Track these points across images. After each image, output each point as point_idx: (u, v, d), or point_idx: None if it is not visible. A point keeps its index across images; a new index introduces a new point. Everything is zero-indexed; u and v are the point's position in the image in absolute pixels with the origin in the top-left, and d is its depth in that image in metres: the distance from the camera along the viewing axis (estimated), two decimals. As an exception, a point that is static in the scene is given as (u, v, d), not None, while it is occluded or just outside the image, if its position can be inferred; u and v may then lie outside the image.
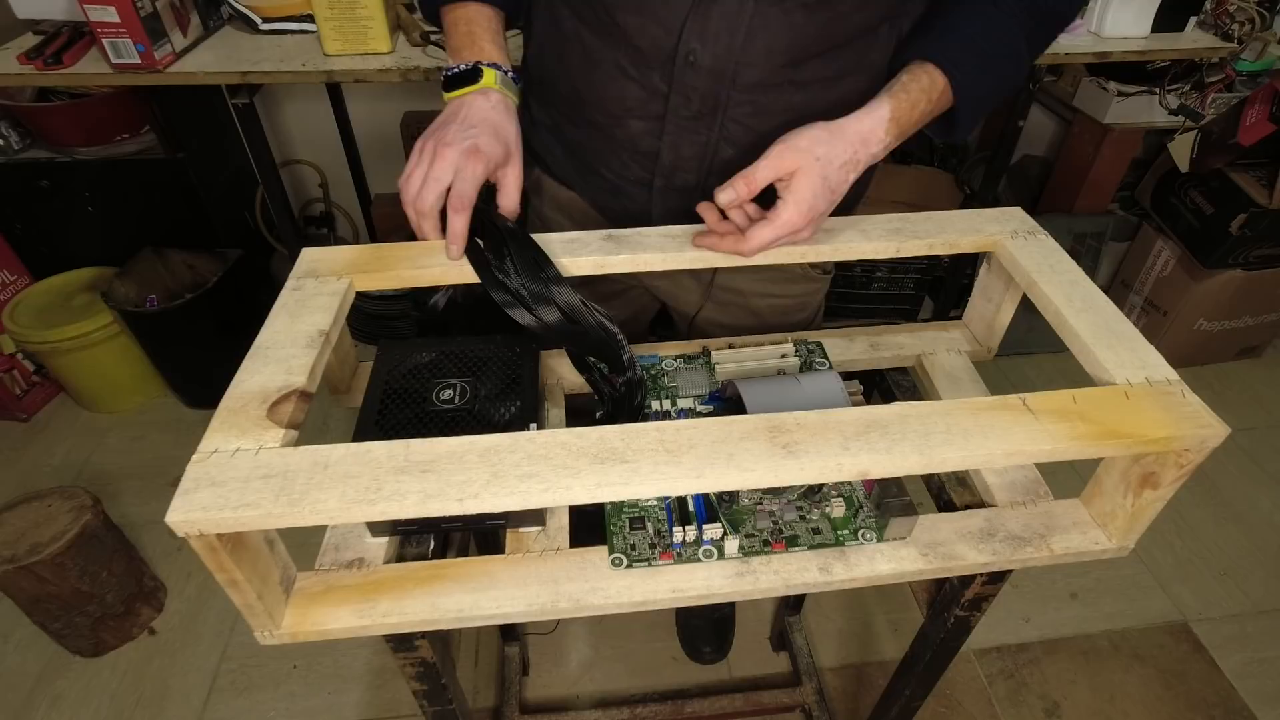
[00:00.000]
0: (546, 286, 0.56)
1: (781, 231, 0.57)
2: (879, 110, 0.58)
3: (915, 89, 0.59)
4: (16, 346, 1.64)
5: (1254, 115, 1.53)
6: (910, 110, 0.59)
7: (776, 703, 1.17)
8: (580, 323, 0.56)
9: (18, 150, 1.55)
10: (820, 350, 0.67)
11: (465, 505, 0.40)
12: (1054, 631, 1.34)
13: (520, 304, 0.56)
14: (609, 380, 0.60)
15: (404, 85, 1.85)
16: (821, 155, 0.56)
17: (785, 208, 0.56)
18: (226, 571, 0.43)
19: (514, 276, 0.56)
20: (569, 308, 0.56)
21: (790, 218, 0.56)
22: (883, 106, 0.58)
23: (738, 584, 0.51)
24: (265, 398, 0.46)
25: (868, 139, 0.58)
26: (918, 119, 0.60)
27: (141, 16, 1.11)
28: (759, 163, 0.56)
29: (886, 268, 1.86)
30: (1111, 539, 0.53)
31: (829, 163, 0.56)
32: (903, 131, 0.59)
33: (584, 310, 0.56)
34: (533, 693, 1.25)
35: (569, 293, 0.56)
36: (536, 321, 0.55)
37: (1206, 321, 1.80)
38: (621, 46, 0.62)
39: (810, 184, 0.56)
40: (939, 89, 0.59)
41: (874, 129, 0.58)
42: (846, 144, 0.57)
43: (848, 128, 0.57)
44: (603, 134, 0.67)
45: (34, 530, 1.14)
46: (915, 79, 0.59)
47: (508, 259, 0.57)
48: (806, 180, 0.56)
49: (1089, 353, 0.51)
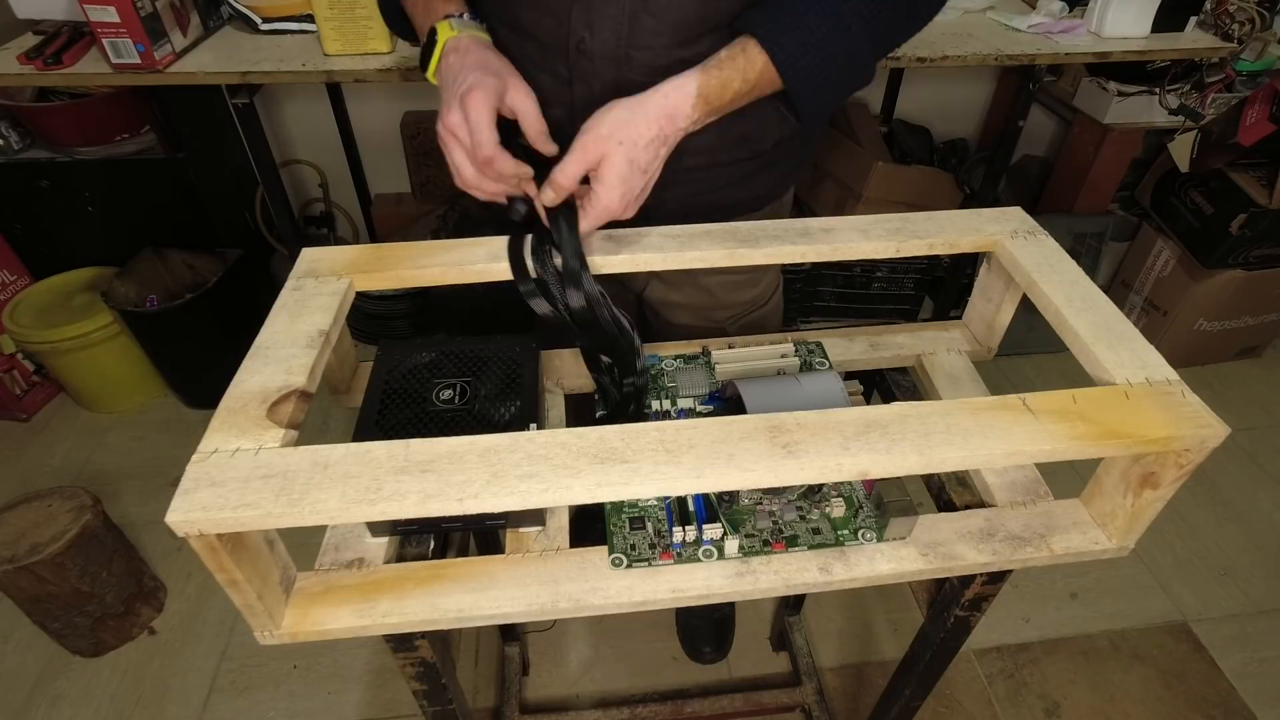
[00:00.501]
0: (582, 268, 0.56)
1: (600, 218, 0.58)
2: (686, 86, 0.57)
3: (730, 67, 0.58)
4: (16, 346, 1.64)
5: (1254, 115, 1.53)
6: (721, 89, 0.58)
7: (776, 703, 1.17)
8: (598, 315, 0.56)
9: (18, 150, 1.55)
10: (820, 350, 0.67)
11: (465, 505, 0.40)
12: (1054, 631, 1.34)
13: (542, 292, 0.56)
14: (617, 382, 0.60)
15: (404, 85, 1.85)
16: (625, 138, 0.56)
17: (597, 197, 0.57)
18: (226, 571, 0.43)
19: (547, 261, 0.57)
20: (592, 297, 0.56)
21: (604, 204, 0.57)
22: (690, 83, 0.57)
23: (738, 584, 0.51)
24: (265, 398, 0.46)
25: (674, 115, 0.57)
26: (730, 98, 0.59)
27: (141, 16, 1.10)
28: (567, 157, 0.57)
29: (886, 268, 1.86)
30: (1111, 539, 0.53)
31: (634, 144, 0.56)
32: (714, 109, 0.59)
33: (602, 303, 0.57)
34: (533, 693, 1.25)
35: (593, 282, 0.57)
36: (553, 311, 0.56)
37: (1206, 321, 1.80)
38: (527, 40, 0.65)
39: (617, 169, 0.56)
40: (757, 69, 0.58)
41: (680, 105, 0.57)
42: (650, 122, 0.57)
43: (650, 105, 0.57)
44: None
45: (34, 530, 1.14)
46: (733, 56, 0.58)
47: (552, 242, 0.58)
48: (612, 166, 0.56)
49: (1089, 353, 0.51)
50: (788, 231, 0.62)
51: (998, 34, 1.32)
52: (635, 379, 0.59)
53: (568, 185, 0.57)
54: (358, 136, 1.93)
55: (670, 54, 0.62)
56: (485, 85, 0.58)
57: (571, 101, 0.67)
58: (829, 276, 1.89)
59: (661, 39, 0.62)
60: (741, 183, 0.74)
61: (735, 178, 0.73)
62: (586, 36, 0.62)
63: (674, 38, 0.62)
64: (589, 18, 0.61)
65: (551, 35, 0.64)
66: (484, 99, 0.57)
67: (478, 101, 0.57)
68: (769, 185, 0.78)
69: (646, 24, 0.61)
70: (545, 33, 0.64)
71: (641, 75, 0.63)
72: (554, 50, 0.65)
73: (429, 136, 1.88)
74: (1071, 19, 1.34)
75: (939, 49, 1.25)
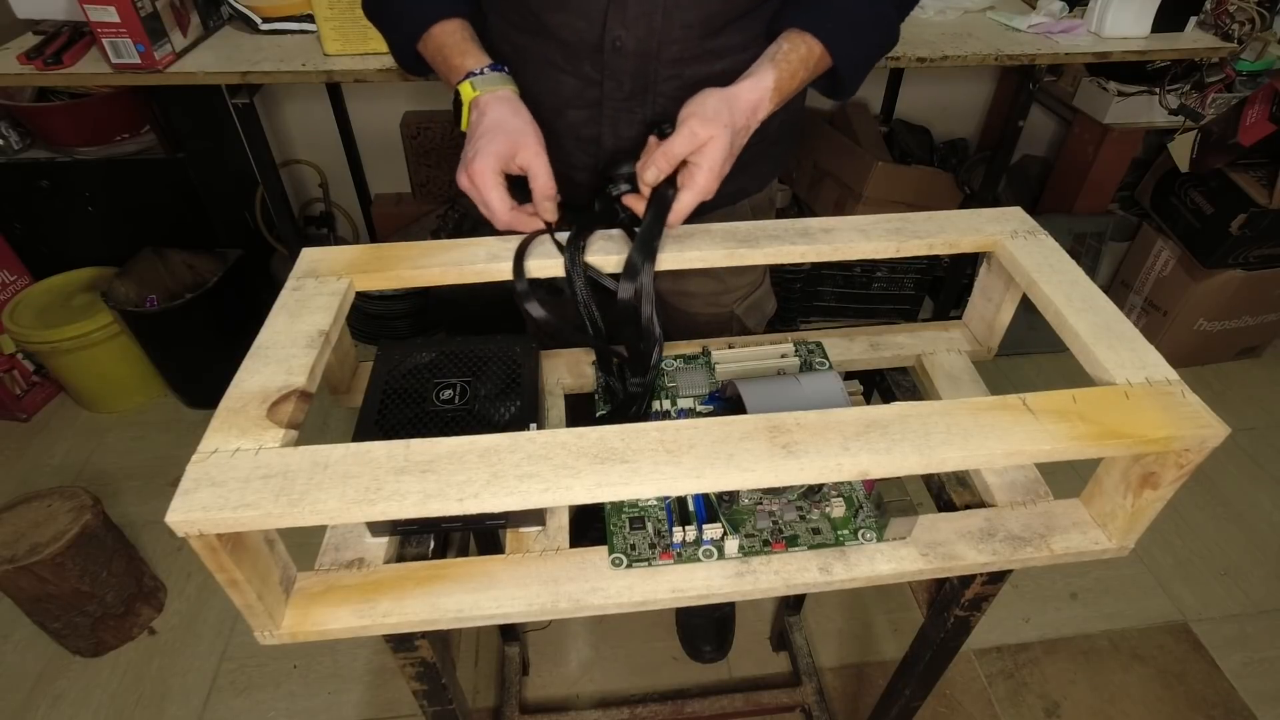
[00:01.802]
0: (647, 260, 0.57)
1: (701, 196, 0.59)
2: (765, 80, 0.61)
3: (795, 58, 0.62)
4: (16, 346, 1.64)
5: (1254, 115, 1.53)
6: (791, 79, 0.62)
7: (776, 703, 1.17)
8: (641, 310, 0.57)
9: (18, 150, 1.55)
10: (820, 350, 0.67)
11: (465, 505, 0.40)
12: (1054, 631, 1.34)
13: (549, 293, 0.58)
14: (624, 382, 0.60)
15: (404, 85, 1.85)
16: (728, 123, 0.59)
17: (700, 173, 0.58)
18: (226, 571, 0.42)
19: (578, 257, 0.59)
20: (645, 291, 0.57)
21: (704, 184, 0.59)
22: (767, 77, 0.61)
23: (738, 584, 0.51)
24: (265, 398, 0.46)
25: (756, 108, 0.61)
26: (796, 86, 0.63)
27: (141, 16, 1.10)
28: (674, 138, 0.58)
29: (886, 268, 1.86)
30: (1111, 539, 0.53)
31: (733, 130, 0.59)
32: (784, 98, 0.63)
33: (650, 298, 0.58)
34: (533, 693, 1.25)
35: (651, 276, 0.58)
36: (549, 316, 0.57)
37: (1206, 321, 1.80)
38: (551, 43, 0.67)
39: (721, 150, 0.58)
40: (815, 57, 0.63)
41: (761, 98, 0.61)
42: (741, 112, 0.60)
43: (740, 97, 0.60)
44: (545, 127, 0.69)
45: (34, 530, 1.14)
46: (795, 48, 0.62)
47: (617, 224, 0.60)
48: (718, 148, 0.58)
49: (1089, 353, 0.51)
50: (788, 231, 0.62)
51: (998, 34, 1.32)
52: (644, 378, 0.60)
53: (674, 162, 0.59)
54: (358, 136, 1.93)
55: (699, 45, 0.65)
56: (489, 152, 0.60)
57: (600, 101, 0.68)
58: (829, 276, 1.88)
59: (692, 31, 0.64)
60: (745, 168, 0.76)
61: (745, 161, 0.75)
62: (622, 34, 0.64)
63: (703, 29, 0.64)
64: (624, 16, 0.63)
65: (582, 37, 0.65)
66: (487, 167, 0.59)
67: (480, 173, 0.59)
68: (769, 167, 0.83)
69: (678, 17, 0.63)
70: (574, 34, 0.65)
71: (669, 68, 0.66)
72: (582, 51, 0.66)
73: (429, 136, 1.88)
74: (1071, 19, 1.34)
75: (939, 49, 1.25)
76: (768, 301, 0.95)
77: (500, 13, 0.70)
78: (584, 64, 0.67)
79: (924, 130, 2.05)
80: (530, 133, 0.62)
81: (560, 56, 0.67)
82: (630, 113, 0.69)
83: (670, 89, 0.68)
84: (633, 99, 0.68)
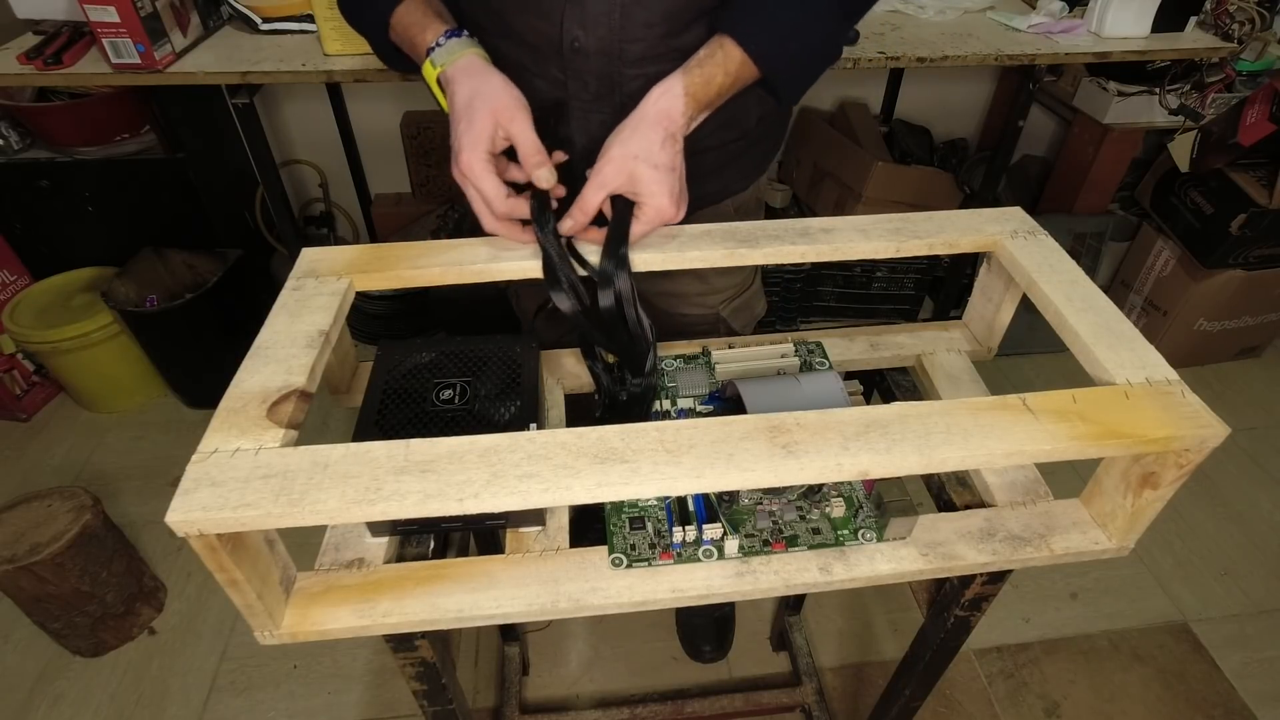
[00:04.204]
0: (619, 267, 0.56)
1: (652, 225, 0.59)
2: (673, 88, 0.59)
3: (710, 64, 0.60)
4: (16, 346, 1.64)
5: (1254, 115, 1.53)
6: (705, 85, 0.60)
7: (776, 703, 1.17)
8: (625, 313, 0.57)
9: (18, 150, 1.55)
10: (820, 350, 0.67)
11: (465, 505, 0.40)
12: (1054, 631, 1.34)
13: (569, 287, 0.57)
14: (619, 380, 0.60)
15: (404, 85, 1.85)
16: (638, 150, 0.57)
17: (647, 209, 0.58)
18: (226, 571, 0.42)
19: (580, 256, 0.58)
20: (624, 295, 0.57)
21: (654, 215, 0.58)
22: (676, 84, 0.59)
23: (738, 584, 0.51)
24: (265, 398, 0.46)
25: (669, 113, 0.59)
26: (716, 91, 0.61)
27: (141, 16, 1.10)
28: (586, 187, 0.58)
29: (886, 268, 1.86)
30: (1111, 539, 0.53)
31: (650, 151, 0.57)
32: (704, 103, 0.60)
33: (633, 301, 0.57)
34: (533, 693, 1.25)
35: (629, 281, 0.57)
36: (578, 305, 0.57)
37: (1206, 321, 1.80)
38: (518, 45, 0.66)
39: (649, 178, 0.57)
40: (736, 61, 0.60)
41: (671, 105, 0.59)
42: (652, 127, 0.58)
43: (647, 112, 0.59)
44: None
45: (34, 530, 1.14)
46: (711, 54, 0.60)
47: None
48: (642, 178, 0.57)
49: (1089, 353, 0.51)
50: (788, 231, 0.62)
51: (998, 34, 1.32)
52: (645, 379, 0.59)
53: (590, 212, 0.58)
54: (358, 136, 1.93)
55: (663, 44, 0.64)
56: (472, 137, 0.58)
57: (567, 101, 0.68)
58: (829, 276, 1.89)
59: (654, 30, 0.63)
60: (731, 163, 0.75)
61: (724, 159, 0.75)
62: (580, 35, 0.63)
63: (665, 27, 0.63)
64: (582, 16, 0.62)
65: (543, 38, 0.64)
66: (475, 157, 0.58)
67: (468, 164, 0.58)
68: (755, 161, 0.82)
69: (638, 16, 0.62)
70: (537, 36, 0.64)
71: (634, 68, 0.65)
72: (546, 53, 0.65)
73: (429, 136, 1.88)
74: (1071, 19, 1.34)
75: (939, 49, 1.25)
76: (757, 303, 0.94)
77: (473, 16, 0.68)
78: (550, 66, 0.66)
79: (924, 130, 2.05)
80: (504, 97, 0.59)
81: (529, 59, 0.66)
82: (598, 112, 0.68)
83: (636, 88, 0.65)
84: (599, 100, 0.67)
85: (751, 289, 0.92)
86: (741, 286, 0.90)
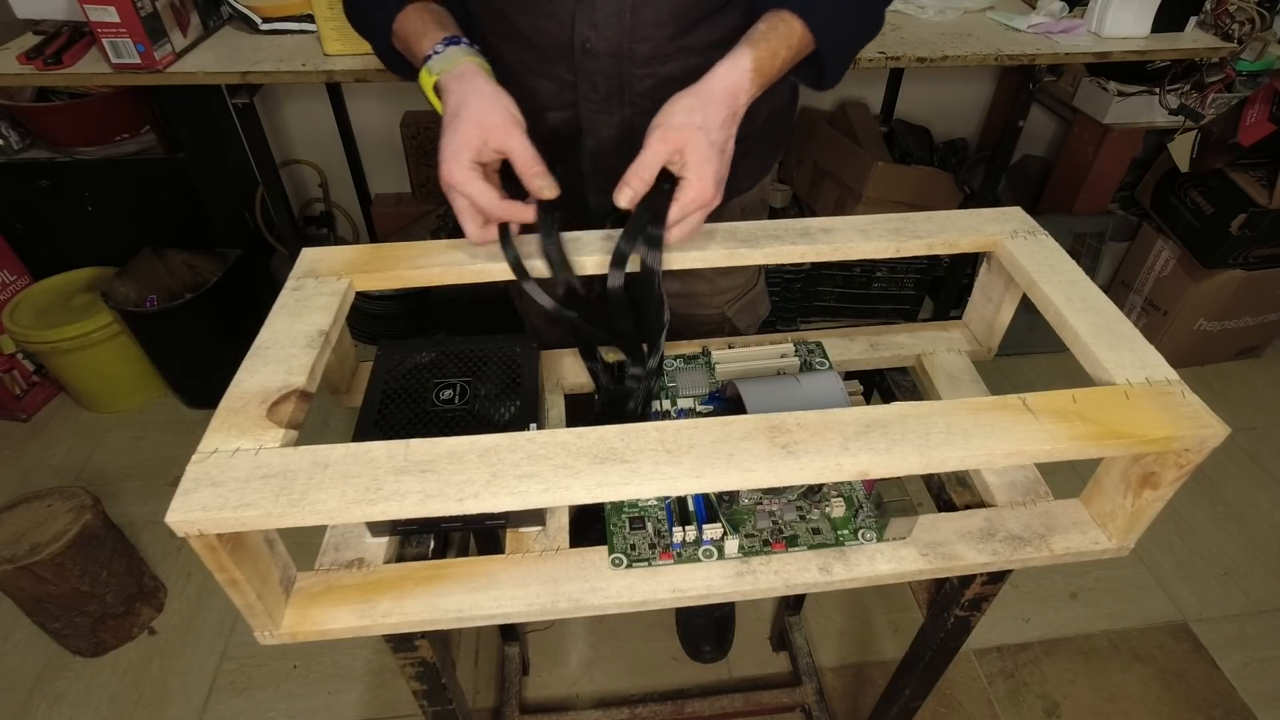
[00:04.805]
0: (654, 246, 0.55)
1: (691, 208, 0.56)
2: (742, 61, 0.57)
3: (774, 37, 0.59)
4: (16, 346, 1.64)
5: (1254, 115, 1.53)
6: (771, 59, 0.58)
7: (776, 702, 1.17)
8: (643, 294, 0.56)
9: (18, 150, 1.55)
10: (820, 350, 0.67)
11: (465, 505, 0.40)
12: (1054, 631, 1.34)
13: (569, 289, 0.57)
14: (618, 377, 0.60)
15: (404, 85, 1.84)
16: (701, 123, 0.55)
17: (689, 186, 0.55)
18: (226, 571, 0.42)
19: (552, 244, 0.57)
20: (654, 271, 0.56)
21: (696, 194, 0.55)
22: (744, 58, 0.57)
23: (738, 584, 0.51)
24: (265, 398, 0.46)
25: (736, 92, 0.57)
26: (779, 66, 0.59)
27: (141, 16, 1.10)
28: (644, 152, 0.55)
29: (886, 268, 1.86)
30: (1111, 539, 0.53)
31: (710, 128, 0.55)
32: (766, 80, 0.59)
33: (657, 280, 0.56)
34: (533, 693, 1.24)
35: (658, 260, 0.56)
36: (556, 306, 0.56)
37: (1206, 321, 1.80)
38: (525, 47, 0.66)
39: (701, 153, 0.55)
40: (797, 35, 0.59)
41: (739, 81, 0.57)
42: (718, 104, 0.56)
43: (715, 86, 0.56)
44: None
45: (34, 530, 1.14)
46: (773, 27, 0.59)
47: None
48: (697, 151, 0.55)
49: (1089, 353, 0.51)
50: (788, 231, 0.62)
51: (998, 34, 1.32)
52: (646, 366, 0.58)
53: (648, 179, 0.55)
54: (358, 136, 1.93)
55: (672, 44, 0.64)
56: (455, 148, 0.56)
57: (576, 102, 0.68)
58: (829, 276, 1.89)
59: (664, 29, 0.63)
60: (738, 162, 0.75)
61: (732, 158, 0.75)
62: (591, 36, 0.63)
63: (674, 27, 0.63)
64: (593, 17, 0.62)
65: (552, 39, 0.64)
66: (457, 166, 0.55)
67: (449, 173, 0.56)
68: (758, 164, 0.81)
69: (648, 15, 0.62)
70: (545, 37, 0.64)
71: (642, 68, 0.65)
72: (555, 54, 0.65)
73: (429, 136, 1.88)
74: (1071, 19, 1.34)
75: (939, 49, 1.25)
76: (761, 303, 0.94)
77: (481, 20, 0.68)
78: (558, 67, 0.66)
79: (924, 130, 2.05)
80: (496, 109, 0.57)
81: (535, 60, 0.66)
82: (607, 113, 0.68)
83: (646, 88, 0.66)
84: (609, 100, 0.67)
85: (756, 289, 0.92)
86: (746, 287, 0.90)
